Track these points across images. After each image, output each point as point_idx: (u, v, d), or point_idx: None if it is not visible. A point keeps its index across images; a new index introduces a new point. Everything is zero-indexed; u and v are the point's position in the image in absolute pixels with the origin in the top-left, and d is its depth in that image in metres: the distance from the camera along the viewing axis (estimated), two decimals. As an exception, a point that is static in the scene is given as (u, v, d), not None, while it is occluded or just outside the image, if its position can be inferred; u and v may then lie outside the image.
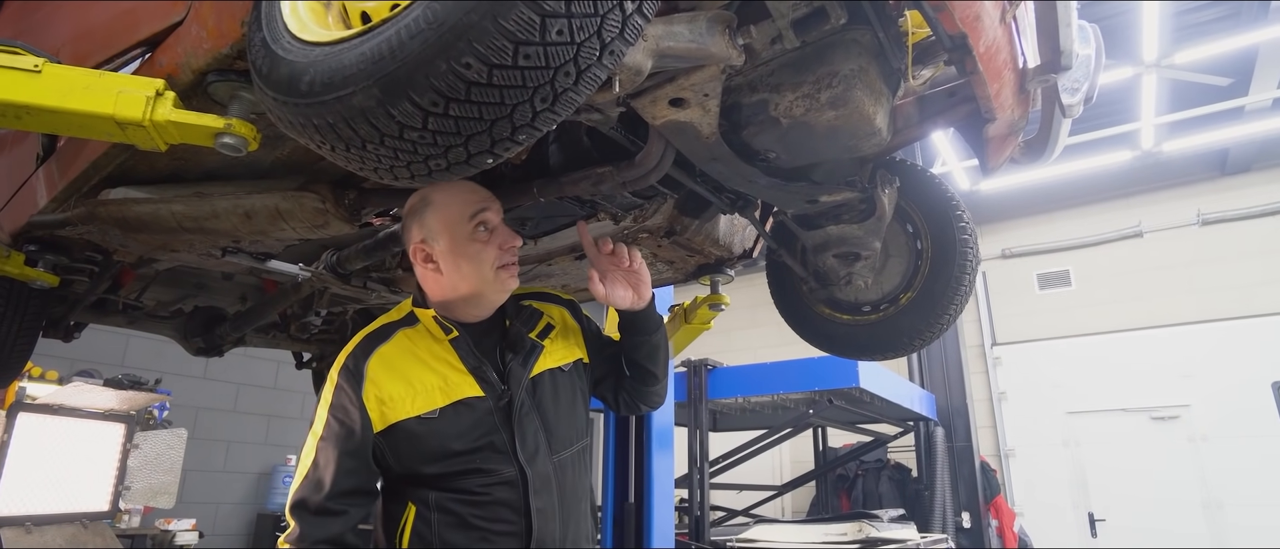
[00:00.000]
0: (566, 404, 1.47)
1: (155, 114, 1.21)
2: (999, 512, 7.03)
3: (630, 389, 1.63)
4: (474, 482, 1.32)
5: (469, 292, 1.39)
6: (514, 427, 1.36)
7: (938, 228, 1.83)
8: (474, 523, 1.31)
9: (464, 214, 1.37)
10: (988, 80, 1.31)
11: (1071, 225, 8.32)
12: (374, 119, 0.70)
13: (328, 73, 0.72)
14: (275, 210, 1.58)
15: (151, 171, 1.63)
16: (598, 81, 0.72)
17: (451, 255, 1.36)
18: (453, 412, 1.33)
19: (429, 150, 0.73)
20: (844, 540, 4.43)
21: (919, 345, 1.89)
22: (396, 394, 1.32)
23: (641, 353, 1.56)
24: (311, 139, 0.77)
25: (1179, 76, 5.64)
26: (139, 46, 1.36)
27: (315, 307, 2.79)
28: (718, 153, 1.35)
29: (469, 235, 1.36)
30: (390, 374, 1.33)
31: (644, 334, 1.53)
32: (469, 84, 0.66)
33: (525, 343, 1.45)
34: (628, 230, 1.94)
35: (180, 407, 6.60)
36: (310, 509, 1.26)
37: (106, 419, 2.76)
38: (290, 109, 0.77)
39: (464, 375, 1.36)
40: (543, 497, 1.35)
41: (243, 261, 2.16)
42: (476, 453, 1.33)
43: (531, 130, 0.74)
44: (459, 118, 0.69)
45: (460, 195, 1.39)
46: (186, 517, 6.07)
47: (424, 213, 1.39)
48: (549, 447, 1.40)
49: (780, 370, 4.79)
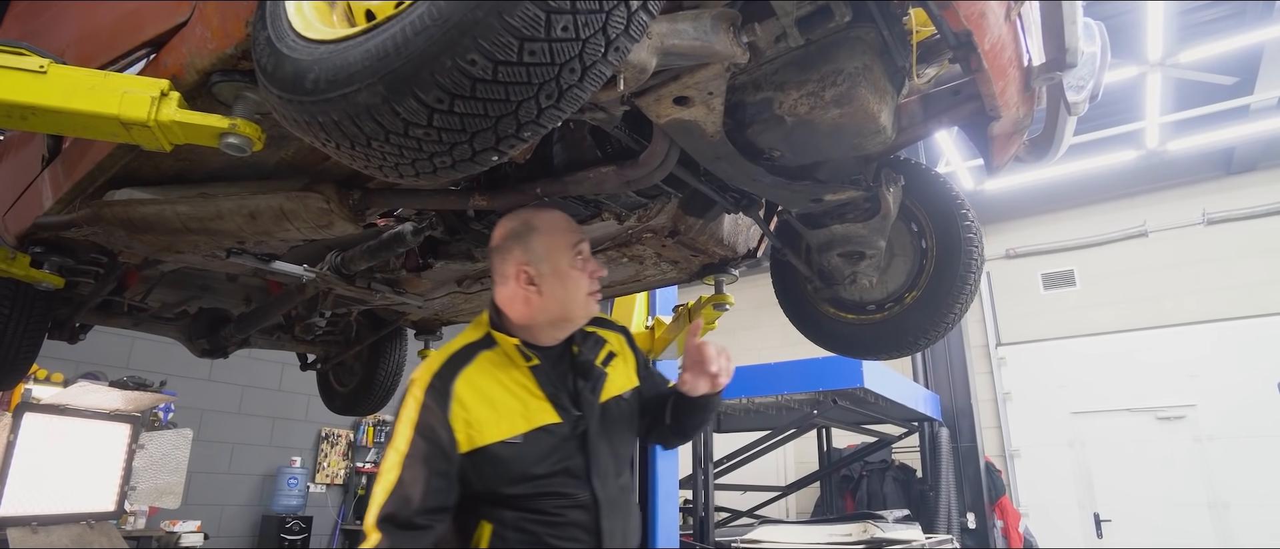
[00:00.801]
0: (626, 430, 1.56)
1: (160, 114, 1.21)
2: (1004, 512, 7.01)
3: (661, 435, 1.72)
4: (551, 503, 1.38)
5: (560, 314, 1.46)
6: (588, 452, 1.43)
7: (942, 227, 1.82)
8: (549, 542, 1.36)
9: (567, 242, 1.46)
10: (993, 78, 1.31)
11: (1076, 225, 8.30)
12: (379, 116, 0.70)
13: (332, 70, 0.72)
14: (280, 211, 1.58)
15: (156, 173, 1.63)
16: (602, 78, 0.72)
17: (554, 278, 1.43)
18: (534, 437, 1.39)
19: (434, 147, 0.73)
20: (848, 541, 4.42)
21: (924, 345, 1.88)
22: (483, 418, 1.36)
23: (692, 420, 1.65)
24: (316, 137, 0.77)
25: (1184, 75, 5.62)
26: (144, 47, 1.36)
27: (320, 308, 2.79)
28: (722, 151, 1.35)
29: (570, 263, 1.45)
30: (476, 397, 1.38)
31: (705, 412, 1.63)
32: (474, 81, 0.66)
33: (593, 370, 1.52)
34: (632, 230, 1.94)
35: (185, 409, 6.62)
36: (398, 524, 1.29)
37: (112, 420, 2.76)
38: (295, 107, 0.77)
39: (542, 402, 1.42)
40: (612, 519, 1.42)
41: (247, 263, 2.16)
42: (555, 477, 1.39)
43: (537, 127, 0.73)
44: (464, 115, 0.69)
45: (563, 224, 1.49)
46: (192, 518, 6.09)
47: (529, 238, 1.45)
48: (615, 471, 1.48)
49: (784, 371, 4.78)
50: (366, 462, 8.29)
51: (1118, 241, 8.05)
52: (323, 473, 7.89)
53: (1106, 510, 7.50)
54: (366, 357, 3.44)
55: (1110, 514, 7.47)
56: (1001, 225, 8.73)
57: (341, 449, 8.15)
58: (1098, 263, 8.13)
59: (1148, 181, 7.87)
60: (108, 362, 6.16)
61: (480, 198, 1.56)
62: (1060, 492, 7.74)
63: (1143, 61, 5.46)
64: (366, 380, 3.43)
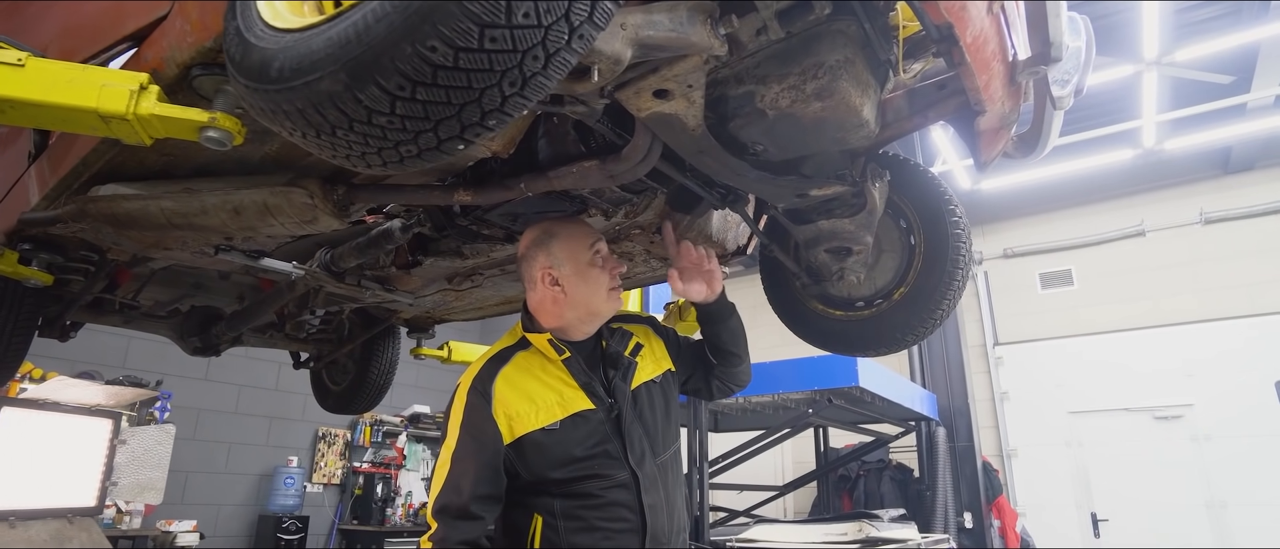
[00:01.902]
0: (661, 412, 1.66)
1: (139, 108, 1.21)
2: (1001, 512, 7.00)
3: (720, 374, 1.83)
4: (594, 485, 1.50)
5: (586, 309, 1.60)
6: (623, 434, 1.54)
7: (930, 222, 1.82)
8: (597, 525, 1.47)
9: (585, 244, 1.61)
10: (976, 72, 1.30)
11: (1073, 224, 8.29)
12: (341, 104, 0.70)
13: (296, 58, 0.72)
14: (263, 206, 1.57)
15: (141, 168, 1.63)
16: (567, 66, 0.72)
17: (576, 278, 1.58)
18: (571, 423, 1.51)
19: (399, 136, 0.73)
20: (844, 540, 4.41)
21: (913, 341, 1.87)
22: (522, 410, 1.50)
23: (723, 338, 1.77)
24: (283, 126, 0.77)
25: (1180, 74, 5.62)
26: (125, 41, 1.36)
27: (311, 306, 2.79)
28: (704, 146, 1.34)
29: (589, 261, 1.60)
30: (515, 392, 1.52)
31: (721, 321, 1.75)
32: (435, 68, 0.66)
33: (623, 361, 1.65)
34: (619, 226, 1.93)
35: (182, 408, 6.62)
36: (452, 513, 1.43)
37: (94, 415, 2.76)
38: (261, 96, 0.76)
39: (577, 391, 1.56)
40: (652, 494, 1.53)
41: (236, 259, 2.15)
42: (594, 459, 1.51)
43: (502, 115, 0.73)
44: (427, 102, 0.69)
45: (581, 229, 1.65)
46: (188, 517, 6.09)
47: (551, 244, 1.61)
48: (652, 451, 1.59)
49: (780, 370, 4.77)
50: (364, 461, 8.28)
51: (1115, 241, 8.04)
52: (320, 473, 7.88)
53: (1104, 510, 7.49)
54: (359, 355, 3.43)
55: (1107, 514, 7.46)
56: (999, 225, 8.73)
57: (339, 449, 8.14)
58: (1095, 262, 8.13)
59: (1145, 181, 7.87)
60: (104, 361, 6.16)
61: (465, 193, 1.56)
62: (1057, 491, 7.74)
63: (1138, 60, 5.46)
64: (360, 379, 3.43)
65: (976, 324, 8.58)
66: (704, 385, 1.85)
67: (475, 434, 1.47)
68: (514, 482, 1.52)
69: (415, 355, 3.47)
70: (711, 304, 1.73)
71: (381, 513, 7.96)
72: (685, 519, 1.67)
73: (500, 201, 1.70)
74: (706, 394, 1.88)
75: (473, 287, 2.46)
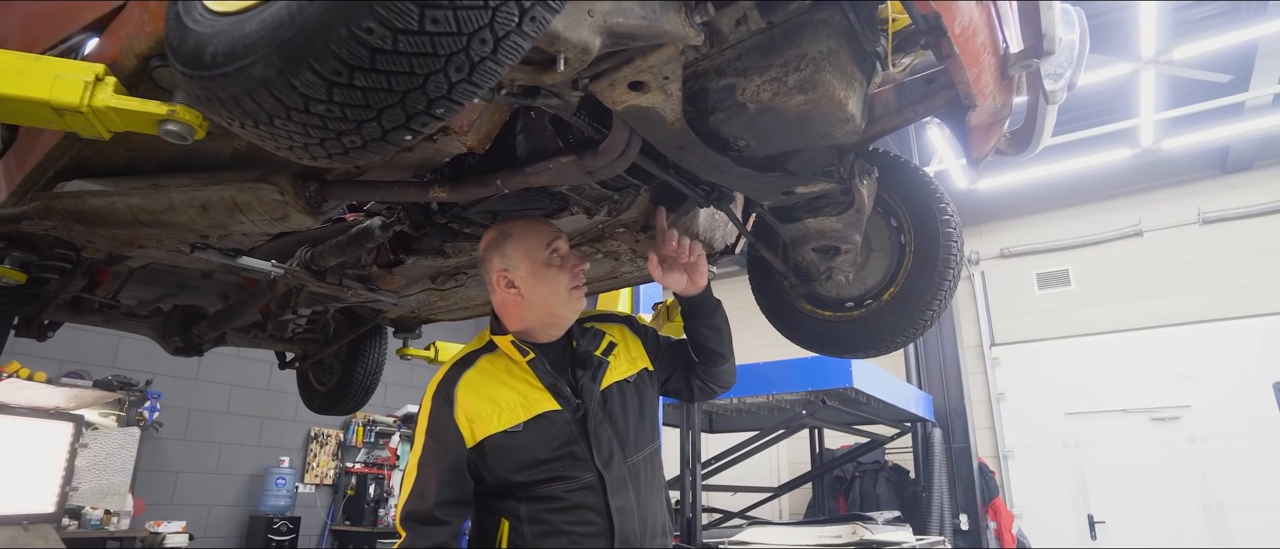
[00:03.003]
0: (634, 412, 1.61)
1: (94, 100, 1.16)
2: (997, 514, 6.97)
3: (702, 374, 1.76)
4: (558, 488, 1.46)
5: (546, 312, 1.56)
6: (589, 436, 1.50)
7: (921, 221, 1.77)
8: (563, 528, 1.44)
9: (540, 243, 1.57)
10: (965, 64, 1.26)
11: (1071, 224, 8.26)
12: (276, 90, 0.65)
13: (230, 42, 0.67)
14: (233, 202, 1.53)
15: (107, 163, 1.58)
16: (520, 51, 0.67)
17: (531, 280, 1.54)
18: (535, 425, 1.49)
19: (340, 125, 0.68)
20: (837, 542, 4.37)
21: (903, 342, 1.83)
22: (484, 413, 1.48)
23: (705, 335, 1.71)
24: (220, 115, 0.73)
25: (1178, 73, 5.58)
26: (84, 31, 1.31)
27: (294, 305, 2.74)
28: (685, 141, 1.30)
29: (546, 261, 1.56)
30: (477, 396, 1.50)
31: (704, 317, 1.70)
32: (373, 51, 0.61)
33: (592, 360, 1.60)
34: (602, 225, 1.89)
35: (172, 408, 6.57)
36: (418, 519, 1.44)
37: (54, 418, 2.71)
38: (196, 83, 0.72)
39: (542, 392, 1.52)
40: (620, 496, 1.48)
41: (213, 258, 2.11)
42: (558, 461, 1.47)
43: (450, 104, 0.69)
44: (367, 89, 0.64)
45: (536, 228, 1.60)
46: (178, 518, 6.03)
47: (504, 245, 1.57)
48: (623, 452, 1.54)
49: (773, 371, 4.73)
50: (356, 462, 8.23)
51: (1113, 241, 8.01)
52: (312, 473, 7.83)
53: (1100, 512, 7.46)
54: (345, 355, 3.39)
55: (1104, 516, 7.43)
56: (996, 225, 8.70)
57: (331, 449, 8.09)
58: (1093, 262, 8.09)
59: (1143, 181, 7.84)
60: (92, 360, 6.10)
61: (440, 189, 1.51)
62: (1054, 493, 7.71)
63: (1136, 58, 5.42)
64: (346, 379, 3.38)
65: (973, 324, 8.55)
66: (685, 386, 1.79)
67: (439, 439, 1.47)
68: (480, 485, 1.51)
69: (401, 356, 3.43)
70: (693, 298, 1.68)
71: (374, 514, 7.90)
72: (665, 522, 1.61)
73: (477, 199, 1.66)
74: (687, 395, 1.81)
75: (457, 286, 2.41)
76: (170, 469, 6.61)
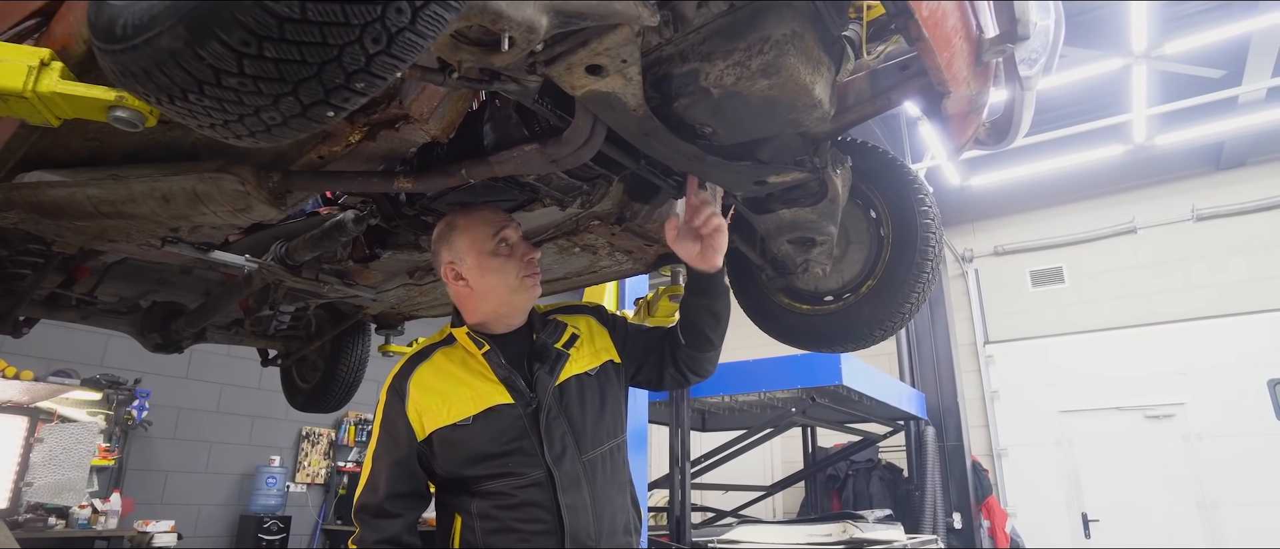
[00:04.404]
0: (593, 407, 1.56)
1: (39, 85, 1.13)
2: (991, 512, 6.94)
3: (684, 358, 1.65)
4: (506, 484, 1.43)
5: (497, 303, 1.55)
6: (541, 431, 1.46)
7: (898, 211, 1.75)
8: (512, 525, 1.42)
9: (486, 233, 1.53)
10: (935, 48, 1.23)
11: (1064, 222, 8.24)
12: (185, 63, 0.63)
13: (139, 14, 0.65)
14: (193, 193, 1.50)
15: (68, 154, 1.55)
16: (442, 21, 0.64)
17: (479, 271, 1.52)
18: (484, 418, 1.46)
19: (256, 100, 0.65)
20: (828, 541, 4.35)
21: (882, 336, 1.80)
22: (433, 406, 1.48)
23: (704, 319, 1.61)
24: (135, 90, 0.70)
25: (1170, 68, 5.56)
26: (33, 17, 1.28)
27: (273, 301, 2.71)
28: (649, 128, 1.27)
29: (492, 251, 1.53)
30: (427, 390, 1.50)
31: (708, 297, 1.60)
32: (280, 20, 0.58)
33: (551, 353, 1.56)
34: (576, 217, 1.86)
35: (161, 407, 6.53)
36: (370, 512, 1.45)
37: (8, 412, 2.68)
38: (110, 57, 0.69)
39: (495, 385, 1.50)
40: (572, 494, 1.44)
41: (184, 252, 2.07)
42: (508, 456, 1.44)
43: (369, 77, 0.66)
44: (278, 61, 0.62)
45: (482, 217, 1.56)
46: (166, 517, 6.00)
47: (451, 236, 1.56)
48: (578, 447, 1.49)
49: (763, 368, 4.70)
50: (348, 460, 8.20)
51: (1107, 238, 8.00)
52: (303, 472, 7.80)
53: (1094, 510, 7.44)
54: (329, 352, 3.36)
55: (1098, 514, 7.41)
56: (989, 222, 8.68)
57: (323, 448, 8.06)
58: (1087, 260, 8.08)
59: (1137, 177, 7.82)
60: (81, 359, 6.06)
61: (405, 180, 1.49)
62: (1048, 491, 7.69)
63: (1127, 53, 5.39)
64: (329, 376, 3.35)
65: (967, 322, 8.53)
66: (655, 374, 1.70)
67: (390, 432, 1.48)
68: (435, 480, 1.51)
69: (383, 353, 3.40)
70: (704, 274, 1.57)
71: (367, 513, 7.86)
72: (628, 520, 1.56)
73: (443, 189, 1.62)
74: (657, 383, 1.72)
75: (434, 281, 2.39)
76: (159, 468, 6.57)
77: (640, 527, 1.61)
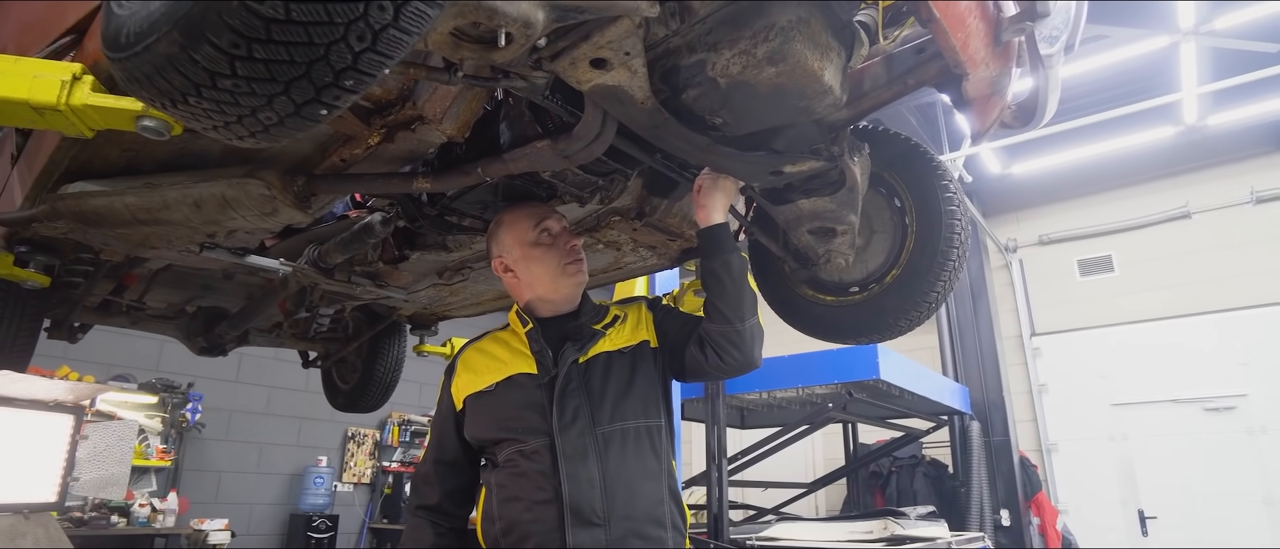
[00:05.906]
0: (619, 383, 1.55)
1: (72, 98, 1.19)
2: (1041, 509, 6.75)
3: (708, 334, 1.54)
4: (515, 450, 1.48)
5: (543, 290, 1.61)
6: (555, 401, 1.49)
7: (922, 199, 1.71)
8: (519, 494, 1.45)
9: (528, 225, 1.61)
10: (949, 29, 1.20)
11: (1113, 208, 7.94)
12: (181, 67, 0.65)
13: (139, 22, 0.68)
14: (223, 198, 1.55)
15: (106, 164, 1.62)
16: (426, 18, 0.66)
17: (523, 261, 1.60)
18: (505, 386, 1.55)
19: (251, 101, 0.68)
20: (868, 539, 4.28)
21: (906, 326, 1.77)
22: (469, 379, 1.60)
23: (709, 284, 1.54)
24: (140, 95, 0.73)
25: (1221, 44, 5.31)
26: (68, 34, 1.34)
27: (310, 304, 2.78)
28: (658, 120, 1.27)
29: (534, 241, 1.60)
30: (469, 367, 1.63)
31: (705, 258, 1.55)
32: (267, 21, 0.60)
33: (585, 332, 1.60)
34: (596, 213, 1.87)
35: (213, 410, 6.76)
36: (418, 479, 1.64)
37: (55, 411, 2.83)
38: (117, 66, 0.72)
39: (526, 358, 1.57)
40: (576, 464, 1.43)
41: (222, 257, 2.15)
42: (518, 423, 1.50)
43: (358, 74, 0.67)
44: (268, 61, 0.64)
45: (526, 211, 1.64)
46: (220, 516, 6.21)
47: (498, 232, 1.64)
48: (592, 420, 1.49)
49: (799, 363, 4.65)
50: (393, 461, 8.37)
51: (1159, 224, 7.68)
52: (349, 472, 7.99)
53: (1152, 507, 7.16)
54: (366, 353, 3.44)
55: (1156, 511, 7.13)
56: (1033, 211, 8.42)
57: (368, 449, 8.25)
58: (1138, 247, 7.77)
59: (1189, 160, 7.49)
60: (137, 364, 6.32)
61: (423, 180, 1.51)
62: (1101, 487, 7.42)
63: (1174, 30, 5.17)
64: (367, 376, 3.43)
65: (1012, 314, 8.29)
66: (688, 356, 1.58)
67: (441, 408, 1.64)
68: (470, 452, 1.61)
69: (417, 352, 3.46)
70: (700, 232, 1.54)
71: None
72: (658, 511, 1.47)
73: (461, 188, 1.65)
74: (679, 370, 1.63)
75: (463, 281, 2.42)
76: (213, 469, 6.81)
77: (682, 524, 1.54)
